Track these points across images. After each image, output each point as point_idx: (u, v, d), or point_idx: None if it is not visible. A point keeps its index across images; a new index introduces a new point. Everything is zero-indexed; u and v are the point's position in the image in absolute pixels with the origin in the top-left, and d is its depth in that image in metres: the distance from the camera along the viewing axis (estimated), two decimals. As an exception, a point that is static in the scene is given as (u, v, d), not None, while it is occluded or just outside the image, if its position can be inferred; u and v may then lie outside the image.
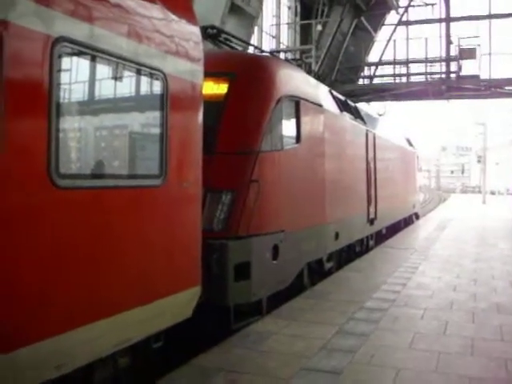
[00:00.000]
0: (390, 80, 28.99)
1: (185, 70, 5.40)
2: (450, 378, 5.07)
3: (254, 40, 22.20)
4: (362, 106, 17.19)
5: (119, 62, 4.49)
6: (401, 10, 30.92)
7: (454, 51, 27.65)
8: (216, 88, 7.48)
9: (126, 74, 4.70)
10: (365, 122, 13.76)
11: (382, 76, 29.97)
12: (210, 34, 8.79)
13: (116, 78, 4.59)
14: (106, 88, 4.61)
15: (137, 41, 4.66)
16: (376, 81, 29.78)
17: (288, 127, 8.32)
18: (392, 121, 24.56)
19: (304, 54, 23.73)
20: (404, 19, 31.30)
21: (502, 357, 5.64)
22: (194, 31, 5.65)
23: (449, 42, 28.41)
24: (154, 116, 5.09)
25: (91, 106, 4.53)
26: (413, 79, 28.49)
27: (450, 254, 13.10)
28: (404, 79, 28.69)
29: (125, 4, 4.57)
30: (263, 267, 7.19)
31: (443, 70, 27.81)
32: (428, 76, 28.26)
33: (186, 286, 5.37)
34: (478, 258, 12.53)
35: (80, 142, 4.44)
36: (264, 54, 12.41)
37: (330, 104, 10.76)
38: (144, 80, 4.95)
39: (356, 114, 13.08)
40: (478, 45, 26.86)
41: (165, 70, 5.00)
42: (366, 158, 13.62)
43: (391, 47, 30.47)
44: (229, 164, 7.12)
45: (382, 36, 32.71)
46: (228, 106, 7.39)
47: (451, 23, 29.42)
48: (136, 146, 5.10)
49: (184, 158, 5.42)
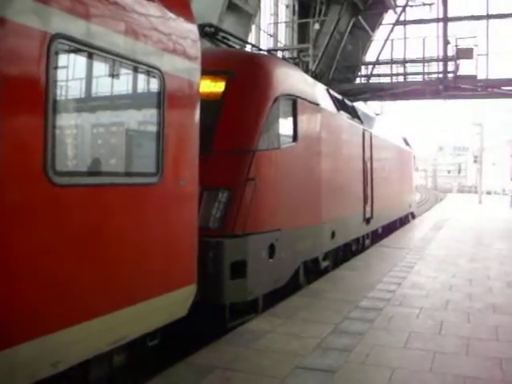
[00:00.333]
0: (387, 79, 28.94)
1: (182, 68, 5.39)
2: (445, 378, 5.08)
3: (251, 38, 22.17)
4: (359, 106, 17.21)
5: (116, 59, 4.48)
6: (398, 10, 30.92)
7: (451, 51, 27.67)
8: (213, 86, 7.47)
9: (123, 71, 4.70)
10: (362, 122, 13.77)
11: (379, 75, 29.92)
12: (208, 33, 8.77)
13: (113, 75, 4.58)
14: (103, 85, 4.60)
15: (134, 38, 4.66)
16: (373, 80, 29.76)
17: (285, 126, 8.32)
18: (389, 120, 24.59)
19: (301, 52, 23.72)
20: (402, 19, 31.28)
21: (498, 356, 5.65)
22: (192, 29, 5.65)
23: (446, 42, 28.39)
24: (150, 114, 5.08)
25: (88, 103, 4.52)
26: (410, 79, 28.47)
27: (445, 254, 13.12)
28: (401, 79, 28.67)
29: (122, 1, 4.56)
30: (259, 266, 7.19)
31: (440, 69, 27.81)
32: (425, 76, 28.26)
33: (181, 283, 5.37)
34: (474, 258, 12.54)
35: (76, 139, 4.43)
36: (261, 52, 12.39)
37: (327, 103, 10.76)
38: (141, 78, 4.95)
39: (353, 114, 13.09)
40: (476, 45, 26.87)
41: (162, 67, 5.00)
42: (363, 158, 13.63)
43: (389, 46, 30.46)
44: (226, 162, 7.12)
45: (379, 35, 32.72)
46: (225, 105, 7.39)
47: (449, 23, 29.43)
48: (132, 143, 5.10)
49: (180, 156, 5.42)
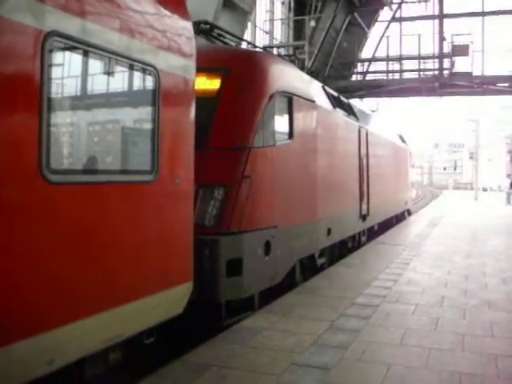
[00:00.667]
0: (383, 76, 28.96)
1: (177, 66, 5.38)
2: (440, 374, 5.09)
3: (247, 35, 22.15)
4: (355, 103, 17.20)
5: (111, 56, 4.47)
6: (394, 7, 30.95)
7: (447, 48, 27.69)
8: (209, 83, 7.46)
9: (118, 69, 4.68)
10: (358, 119, 13.77)
11: (375, 72, 29.95)
12: (203, 30, 8.76)
13: (108, 73, 4.57)
14: (98, 83, 4.59)
15: (129, 36, 4.64)
16: (369, 77, 29.77)
17: (280, 123, 8.31)
18: (385, 117, 24.56)
19: (297, 49, 23.68)
20: (397, 16, 31.31)
21: (493, 353, 5.67)
22: (187, 26, 5.64)
23: (442, 39, 28.41)
24: (145, 111, 5.07)
25: (83, 101, 4.51)
26: (406, 76, 28.50)
27: (441, 251, 13.15)
28: (397, 76, 28.68)
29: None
30: (255, 263, 7.18)
31: (436, 66, 27.82)
32: (421, 73, 28.28)
33: (177, 281, 5.37)
34: (470, 255, 12.57)
35: (71, 137, 4.42)
36: (257, 49, 12.38)
37: (322, 100, 10.76)
38: (136, 75, 4.94)
39: (349, 111, 13.09)
40: (471, 42, 26.89)
41: (157, 65, 4.98)
42: (359, 155, 13.64)
43: (384, 43, 30.49)
44: (221, 160, 7.11)
45: (375, 32, 32.78)
46: (221, 102, 7.37)
47: (444, 20, 29.46)
48: (128, 141, 5.09)
49: (176, 154, 5.41)
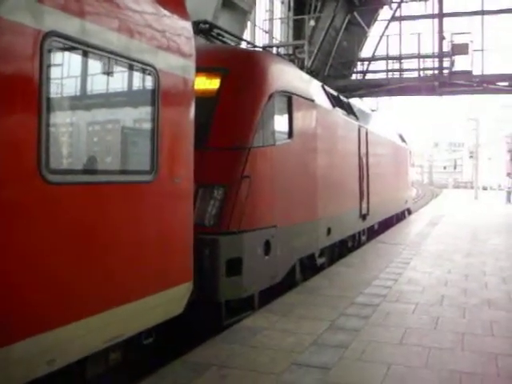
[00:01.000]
0: (382, 76, 28.94)
1: (176, 66, 5.38)
2: (440, 373, 5.09)
3: (246, 35, 22.14)
4: (355, 102, 17.20)
5: (110, 56, 4.47)
6: (394, 6, 30.93)
7: (446, 47, 27.68)
8: (208, 83, 7.45)
9: (117, 69, 4.68)
10: (357, 118, 13.76)
11: (374, 71, 29.92)
12: (203, 29, 8.75)
13: (107, 73, 4.57)
14: (97, 83, 4.59)
15: (128, 36, 4.64)
16: (369, 76, 29.75)
17: (280, 122, 8.30)
18: (385, 116, 24.56)
19: (297, 49, 23.66)
20: (397, 15, 31.29)
21: (493, 352, 5.67)
22: (186, 26, 5.63)
23: (441, 38, 28.41)
24: (145, 111, 5.07)
25: (82, 101, 4.51)
26: (406, 75, 28.48)
27: (441, 250, 13.15)
28: (397, 75, 28.67)
29: (116, -1, 4.55)
30: (255, 263, 7.18)
31: (436, 65, 27.82)
32: (421, 72, 28.27)
33: (177, 281, 5.37)
34: (470, 254, 12.57)
35: (70, 137, 4.42)
36: (256, 49, 12.37)
37: (322, 99, 10.75)
38: (135, 75, 4.94)
39: (348, 110, 13.08)
40: (471, 41, 26.89)
41: (156, 65, 4.98)
42: (359, 154, 13.63)
43: (384, 43, 30.47)
44: (221, 159, 7.10)
45: (375, 31, 32.74)
46: (220, 102, 7.37)
47: (444, 19, 29.46)
48: (127, 141, 5.08)
49: (175, 154, 5.41)
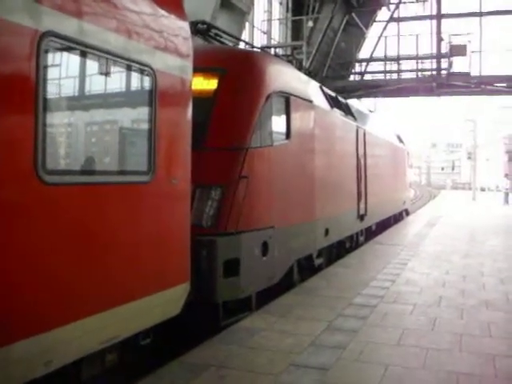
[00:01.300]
0: (380, 76, 28.98)
1: (174, 66, 5.37)
2: (438, 374, 5.08)
3: (245, 35, 22.13)
4: (353, 103, 17.20)
5: (107, 57, 4.46)
6: (392, 7, 30.97)
7: (444, 48, 27.72)
8: (206, 84, 7.44)
9: (114, 69, 4.67)
10: (355, 119, 13.77)
11: (372, 72, 29.96)
12: (200, 30, 8.74)
13: (104, 73, 4.55)
14: (94, 83, 4.58)
15: (125, 36, 4.63)
16: (367, 77, 29.78)
17: (278, 123, 8.30)
18: (383, 117, 24.54)
19: (295, 50, 23.69)
20: (395, 16, 31.32)
21: (491, 353, 5.66)
22: (183, 26, 5.63)
23: (439, 39, 28.45)
24: (142, 112, 5.06)
25: (79, 101, 4.49)
26: (403, 76, 28.52)
27: (439, 251, 13.14)
28: (395, 76, 28.70)
29: (114, -1, 4.55)
30: (252, 264, 7.17)
31: (434, 66, 27.85)
32: (419, 73, 28.30)
33: (175, 282, 5.36)
34: (468, 255, 12.56)
35: (67, 137, 4.41)
36: (254, 49, 12.37)
37: (320, 100, 10.75)
38: (132, 75, 4.92)
39: (346, 111, 13.08)
40: (469, 41, 26.93)
41: (153, 65, 4.97)
42: (357, 155, 13.62)
43: (382, 44, 30.49)
44: (218, 160, 7.09)
45: (373, 32, 32.75)
46: (218, 102, 7.36)
47: (442, 20, 29.49)
48: (124, 141, 5.08)
49: (173, 154, 5.40)
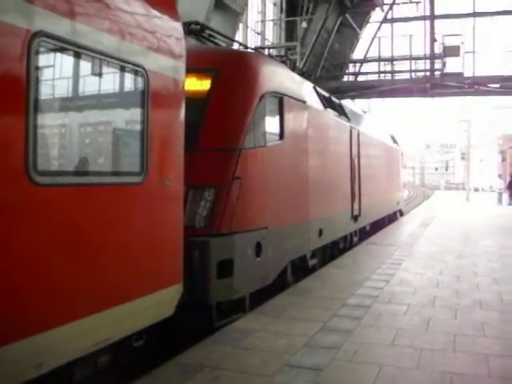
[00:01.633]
0: (374, 77, 29.04)
1: (166, 66, 5.35)
2: (432, 374, 5.08)
3: (239, 36, 22.13)
4: (347, 103, 17.20)
5: (99, 57, 4.43)
6: (386, 8, 31.05)
7: (438, 49, 27.81)
8: (199, 84, 7.43)
9: (106, 69, 4.65)
10: (349, 119, 13.77)
11: (366, 73, 30.02)
12: (194, 30, 8.73)
13: (96, 73, 4.54)
14: (86, 84, 4.55)
15: (117, 36, 4.61)
16: (361, 78, 29.85)
17: (271, 124, 8.28)
18: (376, 118, 24.56)
19: (289, 50, 23.69)
20: (389, 17, 31.40)
21: (484, 353, 5.66)
22: (176, 27, 5.61)
23: (433, 40, 28.54)
24: (134, 112, 5.03)
25: (71, 102, 4.47)
26: (397, 77, 28.58)
27: (433, 251, 13.16)
28: (389, 76, 28.76)
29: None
30: (246, 264, 7.16)
31: (427, 67, 27.93)
32: (412, 73, 28.37)
33: (167, 284, 5.34)
34: (462, 255, 12.58)
35: (59, 138, 4.39)
36: (247, 50, 12.35)
37: (313, 100, 10.74)
38: (124, 76, 4.90)
39: (340, 111, 13.08)
40: (462, 42, 27.01)
41: (146, 66, 4.95)
42: (350, 155, 13.62)
43: (376, 44, 30.57)
44: (211, 160, 7.08)
45: (366, 33, 32.85)
46: (211, 103, 7.35)
47: (435, 21, 29.58)
48: (116, 142, 5.05)
49: (165, 155, 5.38)
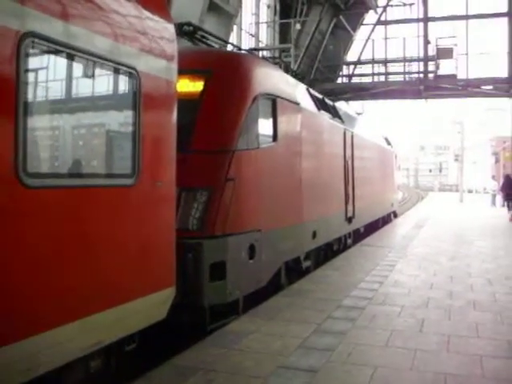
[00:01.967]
0: (368, 79, 29.14)
1: (158, 68, 5.33)
2: (426, 375, 5.07)
3: (233, 38, 22.13)
4: (341, 105, 17.23)
5: (90, 59, 4.41)
6: (379, 10, 31.14)
7: (431, 51, 27.91)
8: (192, 86, 7.41)
9: (98, 71, 4.61)
10: (343, 121, 13.77)
11: (360, 75, 30.12)
12: (187, 32, 8.72)
13: (87, 75, 4.50)
14: (77, 86, 4.52)
15: (109, 38, 4.59)
16: (355, 80, 29.97)
17: (264, 125, 8.27)
18: (370, 120, 24.68)
19: (283, 52, 23.74)
20: (382, 19, 31.50)
21: (478, 353, 5.67)
22: (168, 28, 5.59)
23: (426, 42, 28.66)
24: (126, 114, 5.00)
25: (61, 103, 4.44)
26: (391, 78, 28.69)
27: (427, 252, 13.17)
28: (382, 78, 28.87)
29: (97, 0, 4.50)
30: (239, 267, 7.14)
31: (421, 69, 28.04)
32: (406, 75, 28.47)
33: (159, 287, 5.31)
34: (455, 256, 12.60)
35: (49, 140, 4.36)
36: (241, 51, 12.35)
37: (307, 102, 10.74)
38: (116, 78, 4.87)
39: (334, 113, 13.08)
40: (455, 44, 27.12)
41: (137, 67, 4.93)
42: (344, 157, 13.62)
43: (370, 46, 30.66)
44: (204, 162, 7.06)
45: (360, 35, 32.93)
46: (204, 104, 7.33)
47: (429, 23, 29.69)
48: (108, 144, 5.02)
49: (157, 157, 5.36)
